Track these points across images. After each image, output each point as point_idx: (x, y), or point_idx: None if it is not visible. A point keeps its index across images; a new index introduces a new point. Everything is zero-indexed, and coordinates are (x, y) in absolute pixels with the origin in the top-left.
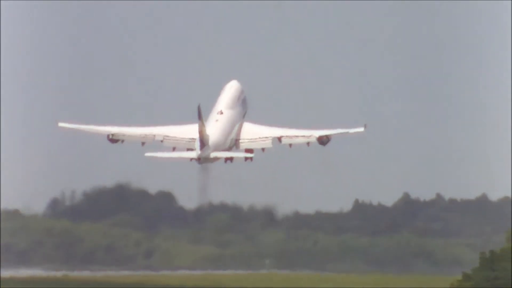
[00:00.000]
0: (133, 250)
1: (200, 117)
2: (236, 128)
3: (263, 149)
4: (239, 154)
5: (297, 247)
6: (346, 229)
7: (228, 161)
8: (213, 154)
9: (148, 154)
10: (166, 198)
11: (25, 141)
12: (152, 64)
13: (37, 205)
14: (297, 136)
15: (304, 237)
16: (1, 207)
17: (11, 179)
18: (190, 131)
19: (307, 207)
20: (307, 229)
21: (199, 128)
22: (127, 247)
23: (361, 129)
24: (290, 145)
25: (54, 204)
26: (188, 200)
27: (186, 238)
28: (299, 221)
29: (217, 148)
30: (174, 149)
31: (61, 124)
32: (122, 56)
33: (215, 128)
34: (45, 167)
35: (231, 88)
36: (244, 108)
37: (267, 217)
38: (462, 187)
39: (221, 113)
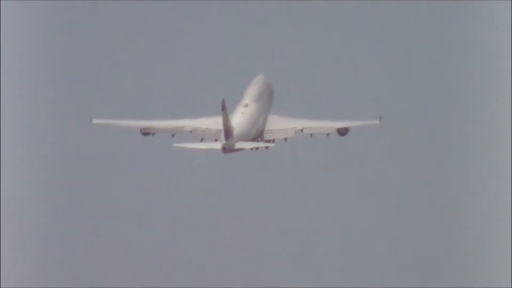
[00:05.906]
0: None
1: (224, 109)
2: (261, 120)
3: (285, 139)
4: (261, 144)
5: None
6: None
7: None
8: (237, 145)
9: (176, 145)
10: None
11: None
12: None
13: None
14: (317, 127)
15: None
16: None
17: None
18: (218, 122)
19: None
20: None
21: (223, 120)
22: None
23: (376, 121)
24: (311, 134)
25: None
26: None
27: None
28: None
29: (242, 138)
30: (202, 140)
31: (95, 121)
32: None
33: (240, 119)
34: None
35: (258, 82)
36: (270, 102)
37: None
38: None
39: (247, 105)
